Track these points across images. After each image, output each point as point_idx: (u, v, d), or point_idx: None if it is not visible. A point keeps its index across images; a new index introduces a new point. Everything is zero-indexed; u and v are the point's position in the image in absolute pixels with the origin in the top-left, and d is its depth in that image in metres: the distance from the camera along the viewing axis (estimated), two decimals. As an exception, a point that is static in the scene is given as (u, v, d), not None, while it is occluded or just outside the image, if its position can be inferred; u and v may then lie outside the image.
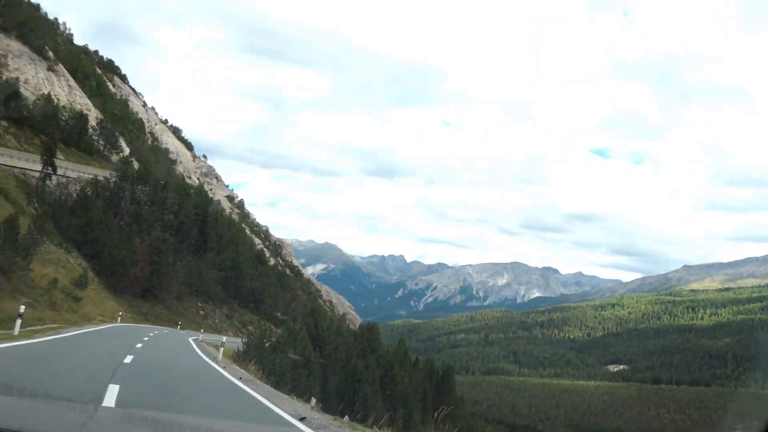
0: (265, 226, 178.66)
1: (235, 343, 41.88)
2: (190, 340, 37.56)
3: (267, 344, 36.32)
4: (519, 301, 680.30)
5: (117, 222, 68.42)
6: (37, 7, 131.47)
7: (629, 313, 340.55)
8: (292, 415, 9.71)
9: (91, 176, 72.16)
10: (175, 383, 12.11)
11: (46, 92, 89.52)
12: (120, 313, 47.24)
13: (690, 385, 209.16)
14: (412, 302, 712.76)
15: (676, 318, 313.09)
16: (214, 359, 23.75)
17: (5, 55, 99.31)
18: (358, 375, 33.36)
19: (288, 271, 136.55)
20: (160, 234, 69.86)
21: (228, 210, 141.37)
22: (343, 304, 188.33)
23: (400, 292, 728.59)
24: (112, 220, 66.82)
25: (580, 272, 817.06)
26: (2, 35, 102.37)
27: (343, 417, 12.87)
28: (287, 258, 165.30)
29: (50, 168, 62.27)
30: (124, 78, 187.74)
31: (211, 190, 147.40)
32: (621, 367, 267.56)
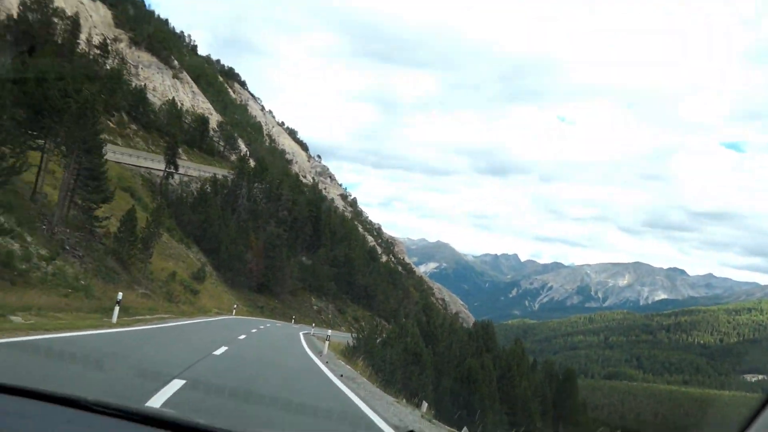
0: (378, 224, 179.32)
1: (346, 338, 40.62)
2: (301, 333, 36.54)
3: (378, 339, 34.61)
4: (642, 303, 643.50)
5: (234, 218, 69.86)
6: (166, 21, 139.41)
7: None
8: (396, 427, 7.43)
9: (210, 174, 74.38)
10: (257, 381, 10.22)
11: (171, 98, 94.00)
12: (235, 306, 47.51)
13: None
14: (526, 302, 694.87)
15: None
16: (320, 353, 22.12)
17: (136, 66, 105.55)
18: (474, 375, 30.79)
19: (400, 269, 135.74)
20: (275, 230, 70.61)
21: (341, 208, 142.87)
22: (456, 303, 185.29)
23: (514, 292, 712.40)
24: (230, 216, 68.26)
25: (710, 273, 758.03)
26: (134, 48, 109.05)
27: (461, 430, 10.42)
28: (399, 256, 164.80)
29: (172, 166, 64.52)
30: (243, 84, 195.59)
31: (325, 188, 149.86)
32: (760, 377, 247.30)
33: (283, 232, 72.16)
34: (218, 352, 13.36)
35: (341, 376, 13.56)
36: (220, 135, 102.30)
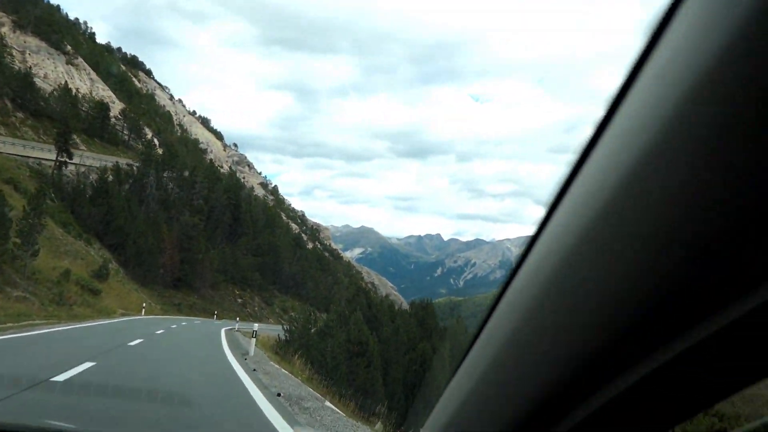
0: (301, 211, 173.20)
1: (276, 330, 35.50)
2: (222, 330, 31.16)
3: (313, 330, 29.68)
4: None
5: (143, 210, 62.63)
6: (57, 7, 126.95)
7: None
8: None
9: (112, 164, 66.50)
10: (126, 421, 5.21)
11: (63, 82, 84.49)
12: (144, 305, 41.18)
13: None
14: (451, 280, 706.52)
15: None
16: (245, 355, 17.01)
17: (22, 51, 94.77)
18: (427, 362, 26.50)
19: (327, 255, 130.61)
20: (190, 218, 63.92)
21: (262, 196, 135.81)
22: (385, 285, 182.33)
23: (439, 271, 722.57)
24: (137, 208, 61.01)
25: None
26: (18, 32, 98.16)
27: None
28: (325, 242, 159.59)
29: (65, 155, 56.63)
30: (149, 73, 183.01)
31: (243, 177, 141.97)
32: None
33: (199, 222, 65.53)
34: (71, 372, 8.10)
35: (279, 395, 8.60)
36: (123, 123, 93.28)
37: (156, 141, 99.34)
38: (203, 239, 66.46)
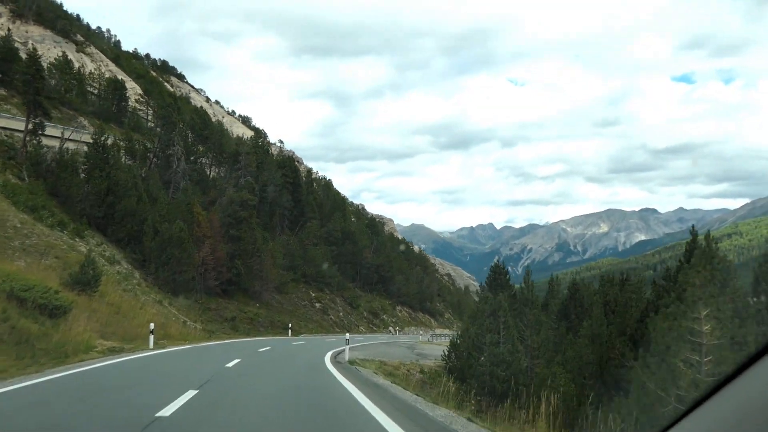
0: (360, 204, 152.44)
1: (386, 342, 15.42)
2: (329, 364, 10.42)
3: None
4: (620, 249, 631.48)
5: (170, 194, 42.74)
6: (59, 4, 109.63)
7: (750, 241, 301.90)
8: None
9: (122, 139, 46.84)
10: None
11: (61, 54, 66.11)
12: (152, 327, 20.39)
13: None
14: (510, 268, 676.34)
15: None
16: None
17: (24, 42, 76.91)
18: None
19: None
20: (237, 194, 43.62)
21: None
22: (461, 276, 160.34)
23: (495, 260, 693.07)
24: (160, 189, 41.10)
25: (681, 208, 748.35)
26: (18, 22, 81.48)
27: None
28: (392, 234, 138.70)
29: (37, 119, 37.16)
30: (181, 77, 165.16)
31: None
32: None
33: (251, 197, 45.10)
34: None
35: None
36: (147, 108, 74.33)
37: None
38: (257, 224, 46.19)
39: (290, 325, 35.66)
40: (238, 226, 41.58)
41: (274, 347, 22.65)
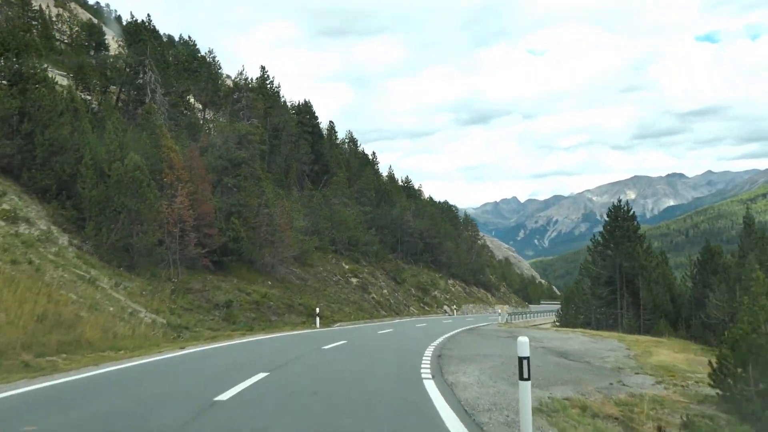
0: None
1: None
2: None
3: None
4: (648, 215, 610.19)
5: (133, 120, 29.41)
6: None
7: None
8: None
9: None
10: None
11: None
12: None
13: None
14: (536, 241, 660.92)
15: None
16: None
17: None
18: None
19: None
20: (234, 126, 30.32)
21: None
22: (499, 248, 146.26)
23: (521, 234, 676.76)
24: (120, 122, 27.81)
25: (709, 171, 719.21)
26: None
27: None
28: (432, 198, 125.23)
29: None
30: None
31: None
32: None
33: (255, 131, 31.68)
34: None
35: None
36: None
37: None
38: (268, 179, 33.03)
39: (317, 310, 22.39)
40: (237, 170, 28.29)
41: (298, 354, 9.53)
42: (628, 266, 29.48)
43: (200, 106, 42.70)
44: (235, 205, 27.70)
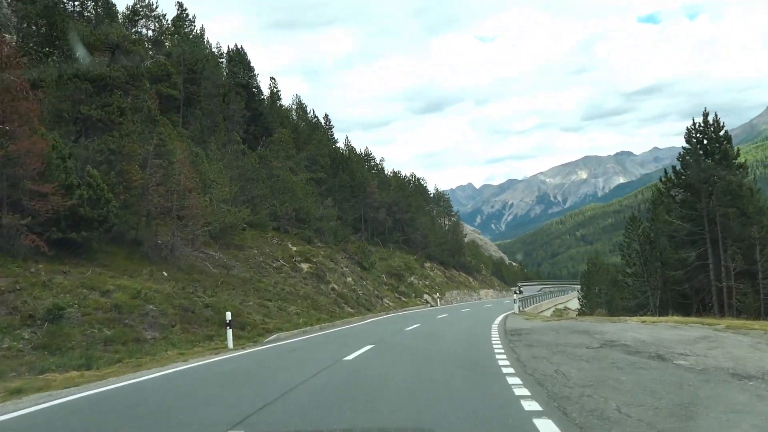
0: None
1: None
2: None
3: None
4: (600, 194, 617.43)
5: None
6: None
7: None
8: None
9: None
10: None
11: None
12: None
13: None
14: (493, 226, 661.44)
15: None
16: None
17: None
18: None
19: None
20: (106, 30, 19.38)
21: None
22: (465, 230, 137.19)
23: (478, 220, 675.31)
24: None
25: (655, 147, 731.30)
26: None
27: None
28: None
29: None
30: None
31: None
32: None
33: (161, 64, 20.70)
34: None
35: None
36: None
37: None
38: (176, 125, 22.23)
39: (228, 318, 11.78)
40: (101, 97, 17.45)
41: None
42: (726, 217, 19.47)
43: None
44: (103, 152, 16.80)
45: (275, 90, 45.51)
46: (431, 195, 59.32)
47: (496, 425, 4.20)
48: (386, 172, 55.78)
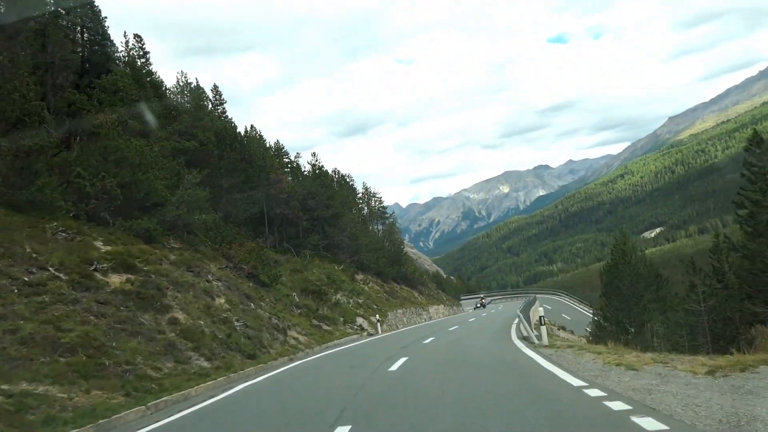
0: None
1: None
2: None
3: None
4: (522, 207, 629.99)
5: None
6: None
7: (641, 177, 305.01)
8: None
9: None
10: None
11: None
12: None
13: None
14: (421, 243, 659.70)
15: (689, 166, 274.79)
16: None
17: None
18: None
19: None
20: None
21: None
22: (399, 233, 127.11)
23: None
24: None
25: (570, 160, 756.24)
26: None
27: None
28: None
29: None
30: None
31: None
32: (657, 230, 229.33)
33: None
34: None
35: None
36: None
37: None
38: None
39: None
40: None
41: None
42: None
43: None
44: None
45: (140, 52, 32.68)
46: (359, 195, 47.80)
47: None
48: (303, 170, 43.66)
